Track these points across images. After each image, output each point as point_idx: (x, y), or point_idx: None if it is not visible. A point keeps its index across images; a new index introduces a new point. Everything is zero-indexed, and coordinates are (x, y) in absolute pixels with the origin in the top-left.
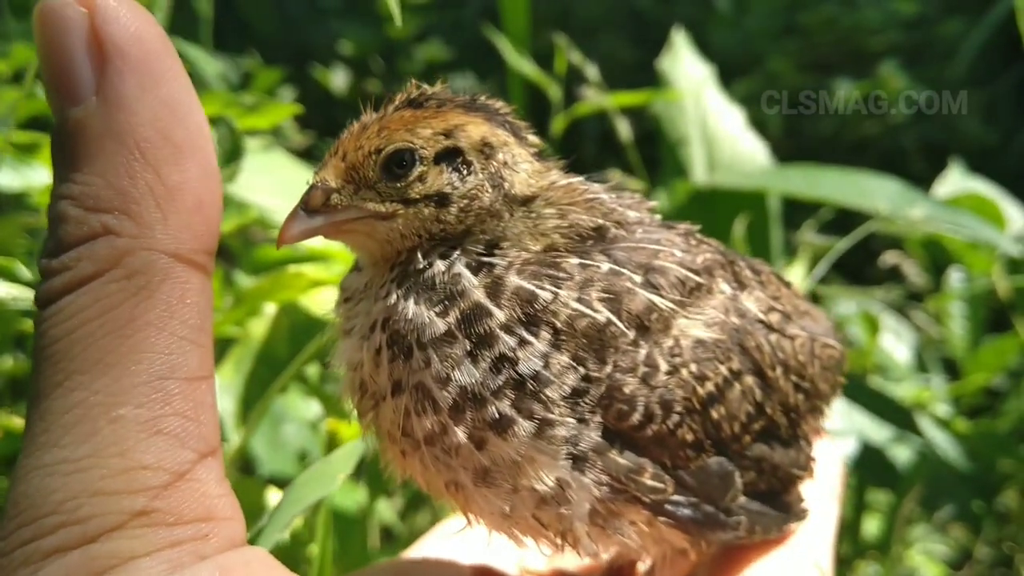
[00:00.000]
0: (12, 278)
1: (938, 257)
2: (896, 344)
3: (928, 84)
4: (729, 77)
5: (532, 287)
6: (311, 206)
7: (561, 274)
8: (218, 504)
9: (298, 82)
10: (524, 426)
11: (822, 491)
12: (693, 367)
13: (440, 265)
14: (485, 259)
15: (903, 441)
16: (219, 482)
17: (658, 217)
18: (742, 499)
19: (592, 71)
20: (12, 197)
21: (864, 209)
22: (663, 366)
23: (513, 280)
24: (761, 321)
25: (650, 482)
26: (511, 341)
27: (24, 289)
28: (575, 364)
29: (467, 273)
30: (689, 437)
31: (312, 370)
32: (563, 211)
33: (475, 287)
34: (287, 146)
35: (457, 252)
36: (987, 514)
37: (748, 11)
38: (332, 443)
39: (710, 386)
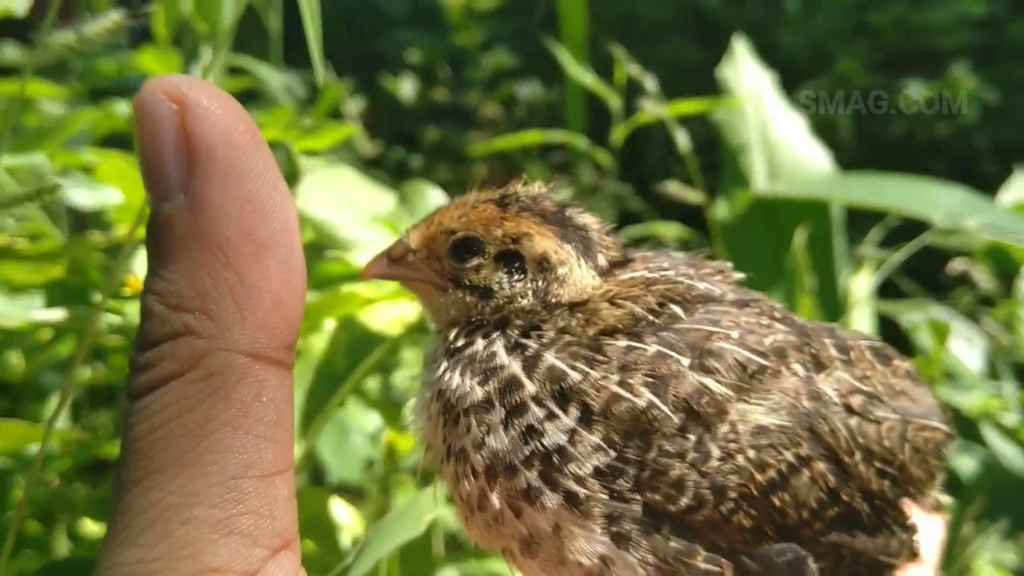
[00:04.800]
0: (84, 300)
1: (1005, 264)
2: (968, 350)
3: (999, 84)
4: (797, 79)
5: (564, 367)
6: (392, 256)
7: (599, 356)
8: None
9: (368, 91)
10: (552, 498)
11: (919, 569)
12: (751, 453)
13: (480, 344)
14: (521, 340)
15: (967, 451)
16: None
17: (730, 293)
18: None
19: (650, 83)
20: (89, 215)
21: (927, 218)
22: (715, 452)
23: (548, 358)
24: (839, 404)
25: (703, 565)
26: (540, 413)
27: (92, 310)
28: (605, 445)
29: (502, 352)
30: (747, 523)
31: (371, 383)
32: (620, 303)
33: (512, 362)
34: (357, 155)
35: (497, 333)
36: None
37: (817, 11)
38: (391, 454)
39: (771, 473)
